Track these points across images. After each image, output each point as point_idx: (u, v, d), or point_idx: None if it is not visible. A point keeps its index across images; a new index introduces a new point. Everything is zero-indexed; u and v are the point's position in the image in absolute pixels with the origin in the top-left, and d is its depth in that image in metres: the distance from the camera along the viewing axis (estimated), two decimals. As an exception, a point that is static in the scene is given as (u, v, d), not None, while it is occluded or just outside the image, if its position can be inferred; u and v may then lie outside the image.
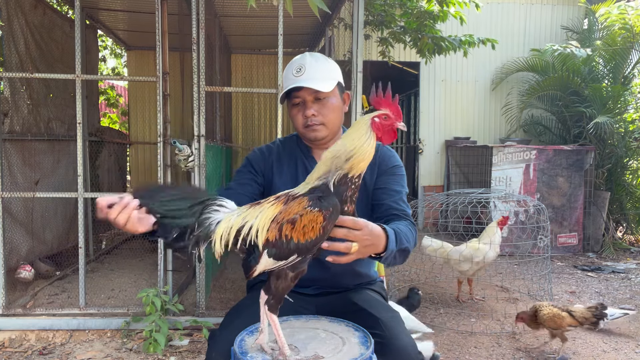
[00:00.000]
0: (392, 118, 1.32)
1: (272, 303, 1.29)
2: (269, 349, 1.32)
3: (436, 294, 4.17)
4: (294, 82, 1.62)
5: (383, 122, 1.31)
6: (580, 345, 3.18)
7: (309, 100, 1.65)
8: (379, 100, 1.34)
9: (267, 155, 1.79)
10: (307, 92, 1.64)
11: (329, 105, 1.67)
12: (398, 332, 1.52)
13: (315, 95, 1.64)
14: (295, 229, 1.22)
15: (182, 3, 4.30)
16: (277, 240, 1.22)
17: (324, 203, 1.23)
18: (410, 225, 1.63)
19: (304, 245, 1.22)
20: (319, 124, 1.66)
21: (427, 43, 5.20)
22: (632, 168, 6.62)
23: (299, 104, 1.67)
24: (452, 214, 4.51)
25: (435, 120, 7.48)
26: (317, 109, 1.65)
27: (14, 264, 3.79)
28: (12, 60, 3.84)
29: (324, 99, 1.66)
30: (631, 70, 6.39)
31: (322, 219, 1.22)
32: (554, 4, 7.46)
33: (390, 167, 1.73)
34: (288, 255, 1.23)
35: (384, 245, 1.40)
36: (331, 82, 1.64)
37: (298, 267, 1.27)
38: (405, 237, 1.51)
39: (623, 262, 5.48)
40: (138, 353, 2.97)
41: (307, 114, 1.65)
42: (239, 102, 7.28)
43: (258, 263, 1.25)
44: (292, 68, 1.66)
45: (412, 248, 1.59)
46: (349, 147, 1.27)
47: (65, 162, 4.73)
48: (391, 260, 1.47)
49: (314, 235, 1.22)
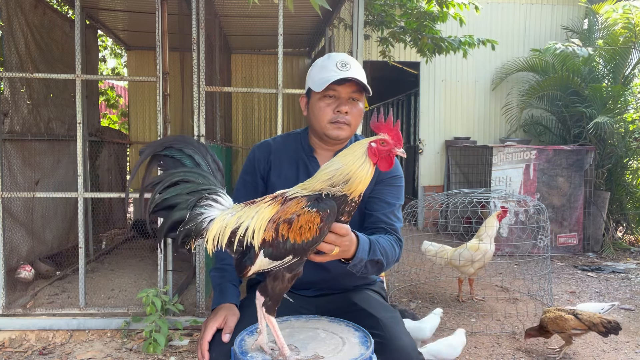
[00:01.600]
0: (391, 144, 1.28)
1: (270, 305, 1.29)
2: (269, 349, 1.32)
3: (436, 294, 4.17)
4: (341, 74, 1.57)
5: (380, 148, 1.28)
6: (580, 345, 3.18)
7: (344, 97, 1.62)
8: (379, 125, 1.30)
9: (267, 153, 1.76)
10: (348, 89, 1.61)
11: (358, 108, 1.65)
12: (398, 332, 1.52)
13: (353, 95, 1.62)
14: (292, 229, 1.21)
15: (182, 3, 4.30)
16: (274, 240, 1.22)
17: (321, 205, 1.23)
18: (395, 240, 1.61)
19: (299, 246, 1.22)
20: (347, 124, 1.64)
21: (427, 43, 5.21)
22: (632, 168, 6.62)
23: (332, 97, 1.62)
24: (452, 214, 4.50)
25: (435, 120, 7.48)
26: (349, 109, 1.63)
27: (14, 264, 3.79)
28: (12, 60, 3.84)
29: (356, 101, 1.64)
30: (631, 70, 6.39)
31: (319, 220, 1.21)
32: (554, 4, 7.46)
33: (389, 177, 1.70)
34: (284, 255, 1.23)
35: (353, 252, 1.41)
36: (368, 86, 1.62)
37: (294, 269, 1.27)
38: (382, 250, 1.50)
39: (623, 262, 5.48)
40: (138, 353, 2.97)
41: (341, 109, 1.61)
42: (239, 102, 7.28)
43: (253, 263, 1.25)
44: (334, 61, 1.61)
45: (392, 262, 1.58)
46: (345, 170, 1.26)
47: (65, 162, 4.73)
48: (361, 269, 1.47)
49: (310, 236, 1.21)
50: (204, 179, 1.31)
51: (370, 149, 1.28)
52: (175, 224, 1.27)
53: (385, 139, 1.28)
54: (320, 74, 1.61)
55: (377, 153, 1.28)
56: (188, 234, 1.27)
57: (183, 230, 1.26)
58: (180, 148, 1.31)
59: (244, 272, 1.27)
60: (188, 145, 1.32)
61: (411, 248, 4.49)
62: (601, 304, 3.18)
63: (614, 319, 2.89)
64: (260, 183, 1.75)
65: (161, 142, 1.32)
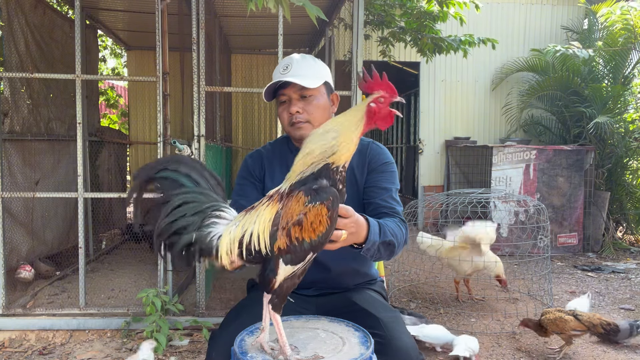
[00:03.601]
0: (388, 96, 1.27)
1: (276, 302, 1.28)
2: (269, 348, 1.32)
3: (436, 294, 4.17)
4: (279, 78, 1.62)
5: (380, 105, 1.27)
6: (580, 345, 3.17)
7: (294, 98, 1.65)
8: (370, 84, 1.29)
9: (260, 159, 1.80)
10: (292, 90, 1.64)
11: (314, 103, 1.66)
12: (398, 332, 1.52)
13: (301, 93, 1.64)
14: (304, 228, 1.20)
15: (182, 3, 4.30)
16: (290, 246, 1.20)
17: (322, 194, 1.21)
18: (399, 222, 1.62)
19: (317, 242, 1.21)
20: (304, 122, 1.65)
21: (427, 43, 5.21)
22: (632, 168, 6.62)
23: (285, 102, 1.67)
24: (452, 214, 4.50)
25: (435, 120, 7.48)
26: (303, 106, 1.64)
27: (14, 264, 3.79)
28: (12, 60, 3.84)
29: (310, 97, 1.65)
30: (631, 70, 6.39)
31: (325, 210, 1.20)
32: (554, 4, 7.46)
33: (380, 165, 1.72)
34: (304, 256, 1.22)
35: (365, 236, 1.41)
36: (317, 80, 1.63)
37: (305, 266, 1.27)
38: (391, 232, 1.51)
39: (623, 262, 5.48)
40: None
41: (291, 111, 1.64)
42: (239, 102, 7.28)
43: (277, 274, 1.23)
44: (279, 67, 1.67)
45: (402, 244, 1.58)
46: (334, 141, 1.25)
47: (66, 162, 4.72)
48: (374, 253, 1.47)
49: (323, 228, 1.20)
50: (205, 197, 1.29)
51: (370, 109, 1.27)
52: (185, 247, 1.26)
53: (382, 94, 1.27)
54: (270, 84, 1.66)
55: (377, 111, 1.27)
56: (199, 254, 1.26)
57: (193, 252, 1.26)
58: (175, 169, 1.29)
59: (270, 286, 1.25)
60: (182, 165, 1.30)
61: (411, 248, 4.49)
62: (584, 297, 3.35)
63: (613, 322, 2.88)
64: (258, 184, 1.77)
65: (154, 165, 1.30)
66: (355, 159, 1.69)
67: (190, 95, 3.39)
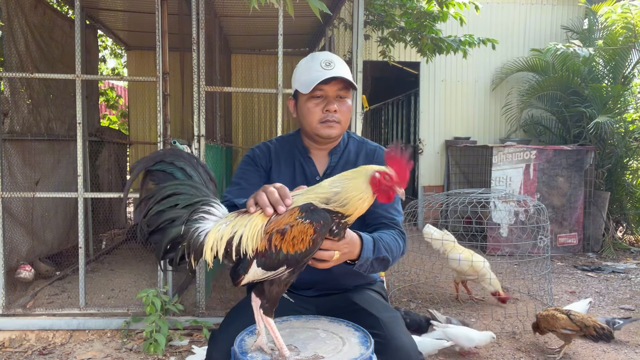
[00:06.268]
0: (394, 181, 1.22)
1: (267, 307, 1.28)
2: (269, 349, 1.32)
3: (436, 294, 4.17)
4: (326, 74, 1.58)
5: (382, 181, 1.23)
6: (581, 345, 3.18)
7: (332, 96, 1.63)
8: (392, 156, 1.23)
9: (267, 152, 1.78)
10: (335, 87, 1.62)
11: (347, 105, 1.67)
12: (398, 332, 1.52)
13: (340, 93, 1.64)
14: (285, 239, 1.19)
15: (182, 3, 4.30)
16: (267, 250, 1.20)
17: (315, 215, 1.21)
18: (398, 234, 1.62)
19: (293, 257, 1.20)
20: (337, 122, 1.65)
21: (427, 43, 5.21)
22: (632, 168, 6.62)
23: (320, 97, 1.64)
24: (452, 214, 4.50)
25: (435, 120, 7.48)
26: (338, 106, 1.64)
27: (14, 264, 3.79)
28: (12, 60, 3.84)
29: (344, 99, 1.65)
30: (631, 70, 6.38)
31: (312, 231, 1.19)
32: (554, 4, 7.46)
33: None
34: (277, 266, 1.21)
35: (358, 253, 1.41)
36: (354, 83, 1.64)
37: (289, 278, 1.26)
38: (386, 247, 1.51)
39: (623, 262, 5.48)
40: (138, 353, 2.97)
41: (330, 109, 1.62)
42: (239, 102, 7.28)
43: (247, 272, 1.24)
44: (317, 61, 1.63)
45: (397, 257, 1.58)
46: (344, 196, 1.23)
47: (66, 162, 4.72)
48: (368, 268, 1.47)
49: (303, 247, 1.20)
50: (196, 190, 1.30)
51: (373, 178, 1.24)
52: (173, 242, 1.26)
53: (390, 174, 1.22)
54: (305, 75, 1.63)
55: (378, 184, 1.23)
56: (187, 251, 1.26)
57: (181, 248, 1.25)
58: (172, 161, 1.30)
59: (238, 281, 1.26)
60: (179, 158, 1.31)
61: (411, 248, 4.49)
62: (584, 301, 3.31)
63: (607, 327, 2.87)
64: (262, 173, 1.75)
65: (152, 157, 1.31)
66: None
67: (190, 95, 3.39)
